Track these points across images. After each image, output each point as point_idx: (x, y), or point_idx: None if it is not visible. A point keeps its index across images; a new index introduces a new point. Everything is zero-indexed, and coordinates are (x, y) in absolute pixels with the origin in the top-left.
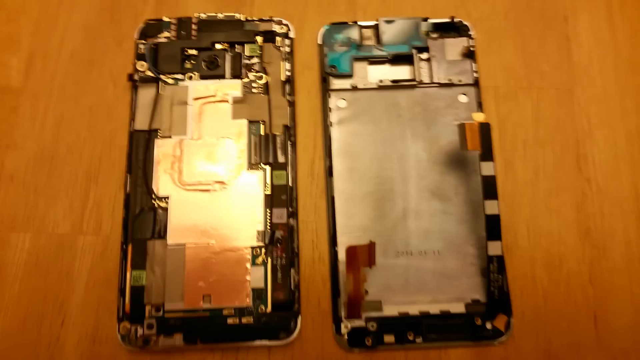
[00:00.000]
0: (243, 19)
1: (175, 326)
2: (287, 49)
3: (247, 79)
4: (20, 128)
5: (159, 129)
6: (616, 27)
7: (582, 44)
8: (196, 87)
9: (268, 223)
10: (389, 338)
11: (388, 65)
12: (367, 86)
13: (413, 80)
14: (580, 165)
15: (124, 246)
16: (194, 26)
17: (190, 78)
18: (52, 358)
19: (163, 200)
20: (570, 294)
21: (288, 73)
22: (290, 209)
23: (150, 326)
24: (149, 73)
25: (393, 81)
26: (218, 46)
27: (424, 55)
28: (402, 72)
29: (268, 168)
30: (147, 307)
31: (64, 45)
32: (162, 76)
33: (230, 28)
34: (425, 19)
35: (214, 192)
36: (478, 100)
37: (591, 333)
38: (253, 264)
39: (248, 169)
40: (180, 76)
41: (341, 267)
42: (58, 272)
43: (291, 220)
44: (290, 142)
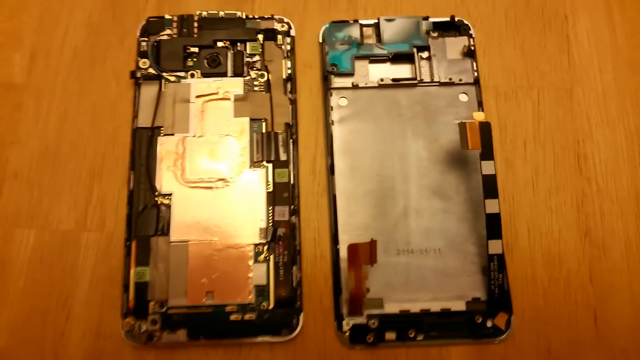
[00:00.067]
0: (244, 17)
1: (178, 322)
2: (288, 47)
3: (249, 77)
4: (23, 125)
5: (162, 127)
6: (616, 27)
7: (582, 44)
8: (198, 85)
9: (270, 221)
10: (390, 335)
11: (389, 63)
12: (368, 85)
13: (414, 79)
14: (580, 164)
15: (128, 243)
16: (196, 24)
17: (192, 76)
18: (57, 353)
19: (166, 197)
20: (570, 293)
21: (289, 71)
22: (292, 207)
23: (154, 322)
24: (152, 70)
25: (394, 80)
26: (220, 44)
27: (425, 54)
28: (403, 71)
29: (270, 166)
30: (151, 303)
31: (67, 42)
32: (165, 74)
33: (231, 26)
34: (425, 18)
35: (217, 190)
36: (478, 99)
37: (591, 332)
38: (255, 261)
39: (250, 167)
40: (182, 74)
41: (343, 265)
42: (62, 268)
43: (293, 218)
44: (291, 140)
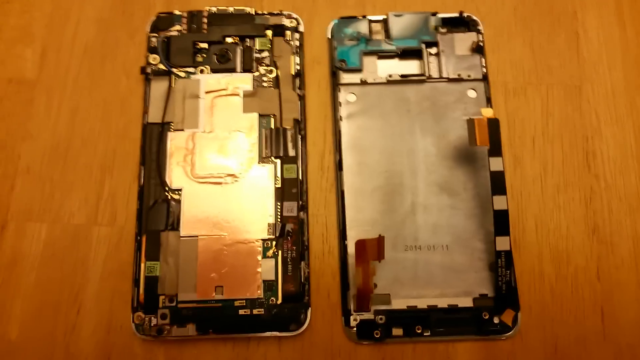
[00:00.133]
0: (253, 13)
1: (188, 316)
2: (297, 43)
3: (258, 73)
4: (35, 120)
5: (172, 122)
6: (626, 23)
7: (591, 40)
8: (208, 81)
9: (279, 216)
10: (397, 331)
11: (397, 59)
12: (377, 80)
13: (422, 75)
14: (588, 161)
15: (138, 237)
16: (205, 20)
17: (201, 71)
18: (68, 347)
19: (176, 192)
20: (577, 289)
21: (298, 67)
22: (300, 203)
23: (163, 316)
24: (162, 66)
25: (402, 76)
26: (229, 40)
27: (433, 50)
28: (411, 67)
29: (279, 161)
30: (161, 298)
31: (77, 38)
32: (174, 69)
33: (240, 22)
34: (434, 14)
35: (226, 185)
36: (487, 95)
37: (598, 328)
38: (264, 256)
39: (259, 163)
40: (192, 69)
41: (350, 261)
42: (73, 263)
43: (301, 213)
44: (300, 136)
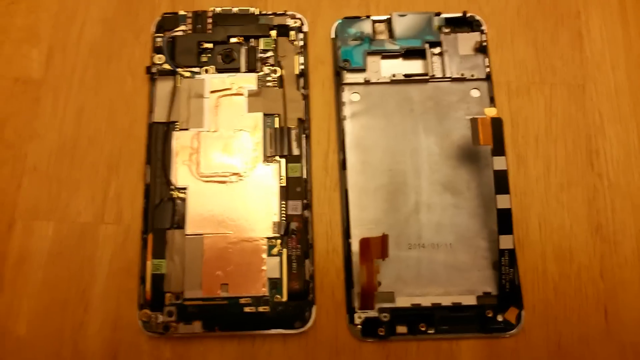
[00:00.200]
0: (257, 13)
1: (194, 314)
2: (301, 43)
3: (262, 73)
4: (42, 119)
5: (177, 121)
6: (629, 23)
7: (595, 40)
8: (212, 80)
9: (283, 215)
10: (402, 329)
11: (401, 59)
12: (380, 80)
13: (425, 74)
14: (592, 160)
15: (144, 235)
16: (210, 20)
17: (206, 71)
18: (76, 344)
19: (181, 191)
20: (580, 288)
21: (302, 67)
22: (305, 201)
23: (170, 313)
24: (167, 66)
25: (405, 75)
26: (233, 40)
27: (437, 49)
28: (415, 67)
29: (283, 161)
30: (167, 295)
31: (83, 37)
32: (179, 69)
33: (245, 22)
34: (437, 14)
35: (231, 184)
36: (490, 95)
37: (601, 326)
38: (269, 255)
39: (263, 162)
40: (196, 69)
41: (354, 259)
42: (80, 261)
43: (306, 212)
44: (304, 135)
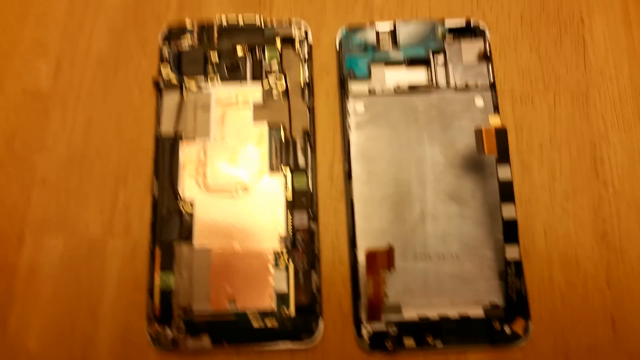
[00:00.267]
0: (262, 25)
1: (202, 328)
2: (306, 54)
3: (268, 84)
4: (50, 131)
5: (184, 133)
6: (633, 29)
7: (598, 46)
8: (218, 92)
9: (290, 226)
10: (409, 342)
11: (405, 68)
12: (385, 90)
13: (430, 83)
14: (596, 167)
15: (152, 249)
16: (216, 32)
17: (212, 83)
18: (86, 359)
19: (188, 203)
20: (587, 297)
21: (307, 77)
22: (310, 212)
23: (178, 328)
24: (173, 78)
25: (410, 87)
26: (239, 52)
27: (441, 58)
28: (419, 75)
29: (289, 172)
30: (175, 309)
31: (91, 49)
32: (186, 81)
33: (250, 33)
34: (441, 22)
35: (237, 196)
36: (494, 103)
37: (609, 336)
38: (276, 266)
39: (269, 173)
40: (202, 81)
41: (361, 270)
42: (89, 274)
43: (312, 222)
44: (310, 146)
